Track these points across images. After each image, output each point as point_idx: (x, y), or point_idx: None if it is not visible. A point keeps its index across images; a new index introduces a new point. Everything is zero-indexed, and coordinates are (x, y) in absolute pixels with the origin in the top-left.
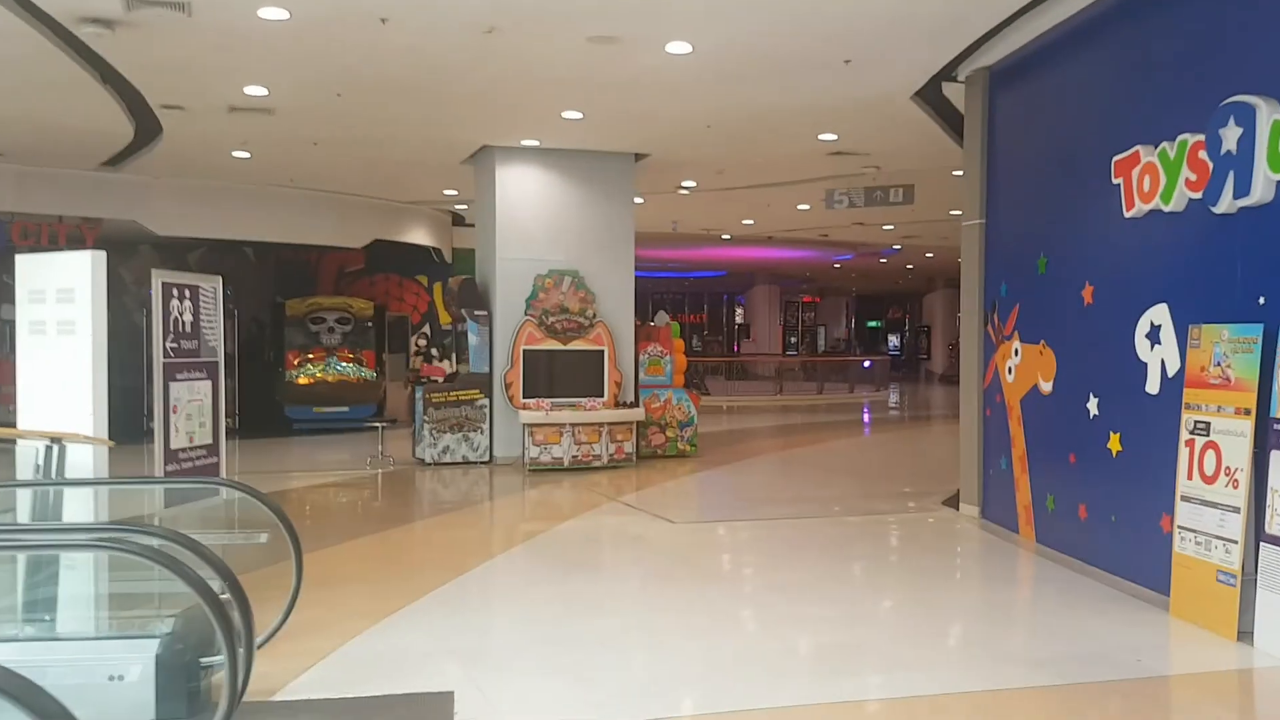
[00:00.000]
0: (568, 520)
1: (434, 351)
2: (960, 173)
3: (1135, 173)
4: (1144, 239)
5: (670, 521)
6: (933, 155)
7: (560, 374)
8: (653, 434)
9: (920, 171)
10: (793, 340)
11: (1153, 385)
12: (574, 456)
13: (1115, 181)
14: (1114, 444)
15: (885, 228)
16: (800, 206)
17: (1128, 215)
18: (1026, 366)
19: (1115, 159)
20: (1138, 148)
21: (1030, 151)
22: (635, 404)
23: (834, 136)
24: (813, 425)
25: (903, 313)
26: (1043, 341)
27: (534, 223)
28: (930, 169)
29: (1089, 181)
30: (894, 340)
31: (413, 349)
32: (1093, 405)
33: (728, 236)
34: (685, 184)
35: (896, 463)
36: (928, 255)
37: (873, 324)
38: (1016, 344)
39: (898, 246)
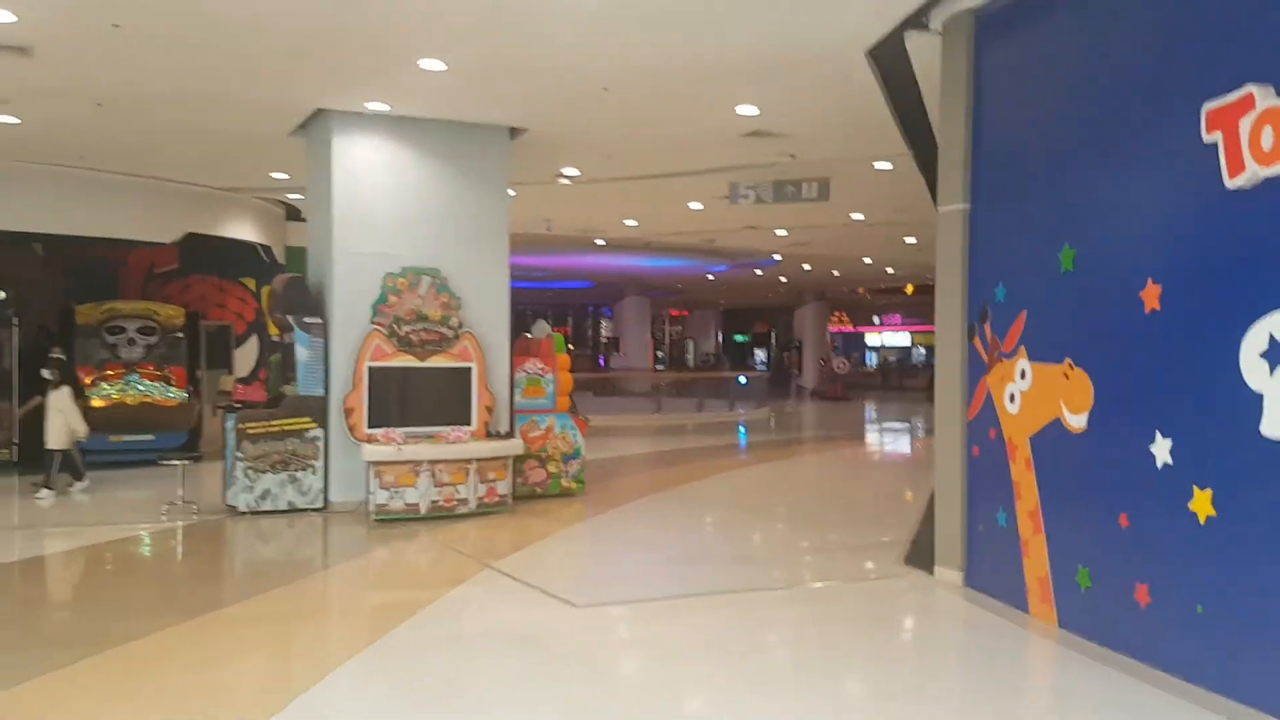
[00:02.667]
0: (425, 606)
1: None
2: (886, 165)
3: (1247, 124)
4: (1259, 218)
5: (569, 604)
6: (859, 142)
7: (416, 397)
8: (531, 469)
9: (837, 163)
10: (660, 354)
11: (1272, 425)
12: (433, 502)
13: (1209, 139)
14: (1201, 505)
15: (778, 232)
16: (692, 205)
17: (1231, 185)
18: (1041, 393)
19: (1208, 108)
20: (1251, 89)
21: (1040, 113)
22: (511, 434)
23: (755, 110)
24: (703, 450)
25: (769, 327)
26: (1069, 361)
27: (383, 209)
28: (849, 160)
29: (1152, 142)
30: (760, 355)
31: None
32: (1161, 449)
33: (603, 242)
34: (567, 172)
35: (820, 499)
36: (805, 268)
37: (740, 338)
38: (1023, 363)
39: (778, 257)
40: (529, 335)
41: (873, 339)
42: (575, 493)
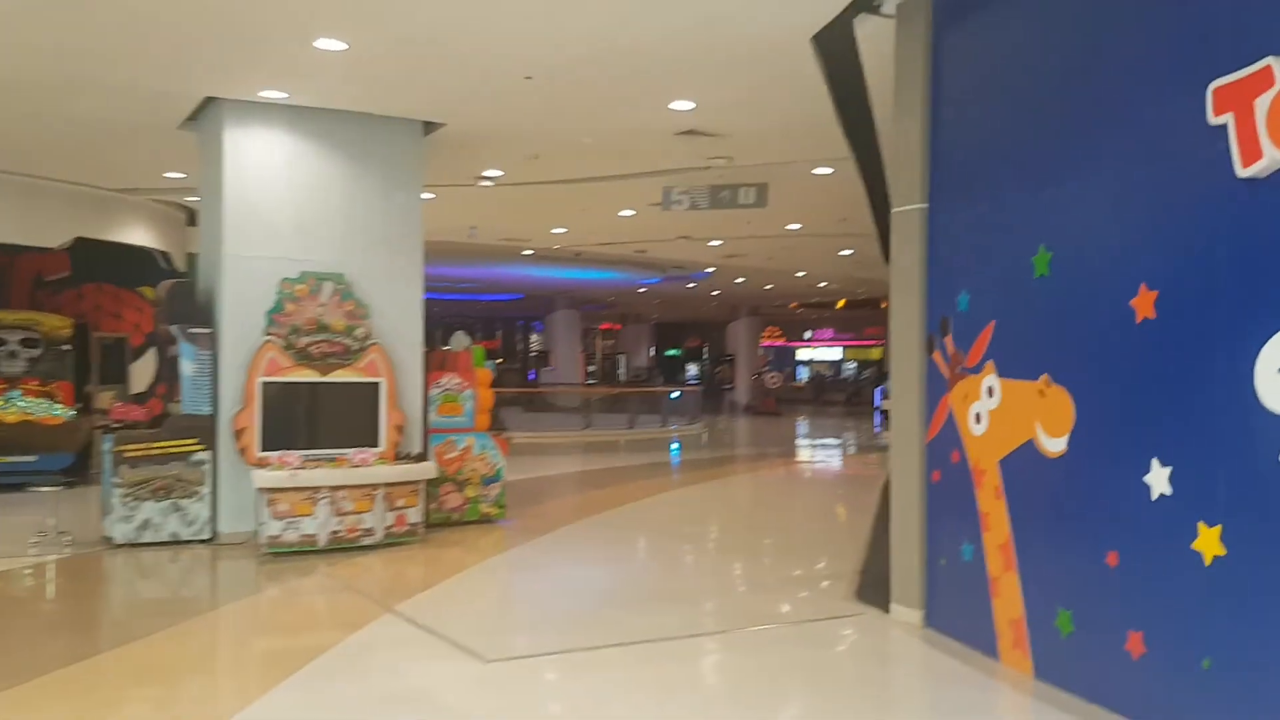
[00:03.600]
0: (310, 661)
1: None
2: (826, 170)
3: (1265, 103)
4: (1277, 211)
5: (478, 657)
6: (799, 143)
7: (317, 416)
8: (447, 494)
9: (775, 168)
10: (591, 369)
11: None
12: (334, 532)
13: (1216, 121)
14: (1208, 543)
15: (712, 243)
16: (624, 212)
17: (1244, 173)
18: (1012, 413)
19: (1216, 86)
20: (1270, 61)
21: (1008, 101)
22: (424, 456)
23: (690, 105)
24: (635, 470)
25: (701, 341)
26: (1045, 377)
27: (280, 208)
28: (787, 164)
29: (1144, 128)
30: (693, 370)
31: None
32: (1158, 479)
33: (530, 251)
34: (488, 173)
35: (759, 524)
36: (738, 281)
37: (672, 352)
38: (991, 380)
39: (711, 269)
40: (446, 348)
41: (805, 354)
42: (496, 519)
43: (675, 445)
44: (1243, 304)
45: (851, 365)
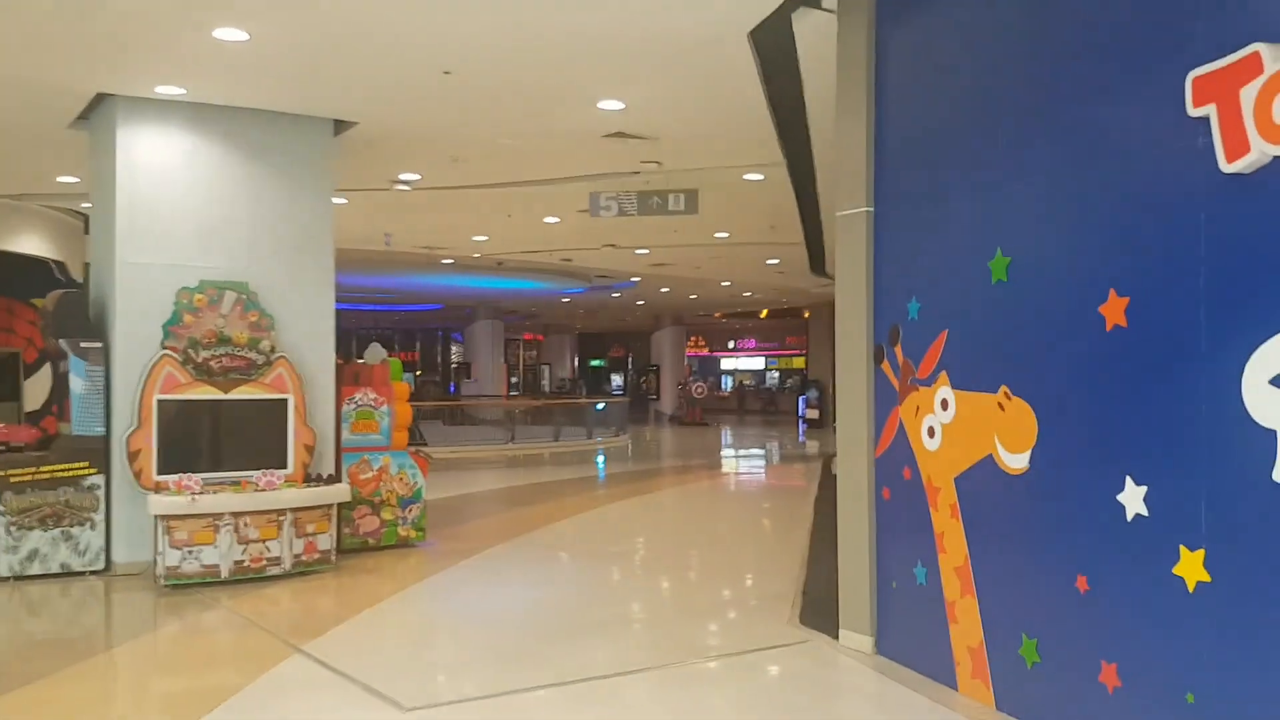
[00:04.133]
0: (214, 709)
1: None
2: (757, 176)
3: (1253, 92)
4: (1269, 208)
5: (396, 705)
6: (731, 146)
7: (219, 436)
8: (362, 517)
9: (706, 173)
10: (514, 380)
11: None
12: (238, 562)
13: (1196, 113)
14: (1190, 568)
15: (639, 252)
16: (548, 220)
17: (1230, 168)
18: (969, 427)
19: (1196, 74)
20: (1258, 48)
21: (959, 96)
22: (336, 477)
23: (619, 105)
24: (561, 484)
25: (625, 351)
26: (1004, 389)
27: (179, 212)
28: (718, 170)
29: (1113, 121)
30: (617, 380)
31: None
32: (1133, 499)
33: (450, 260)
34: (405, 177)
35: (691, 541)
36: (663, 290)
37: (596, 363)
38: (945, 391)
39: (637, 279)
40: (360, 360)
41: (728, 363)
42: (415, 542)
43: (601, 458)
44: (1226, 310)
45: (774, 375)
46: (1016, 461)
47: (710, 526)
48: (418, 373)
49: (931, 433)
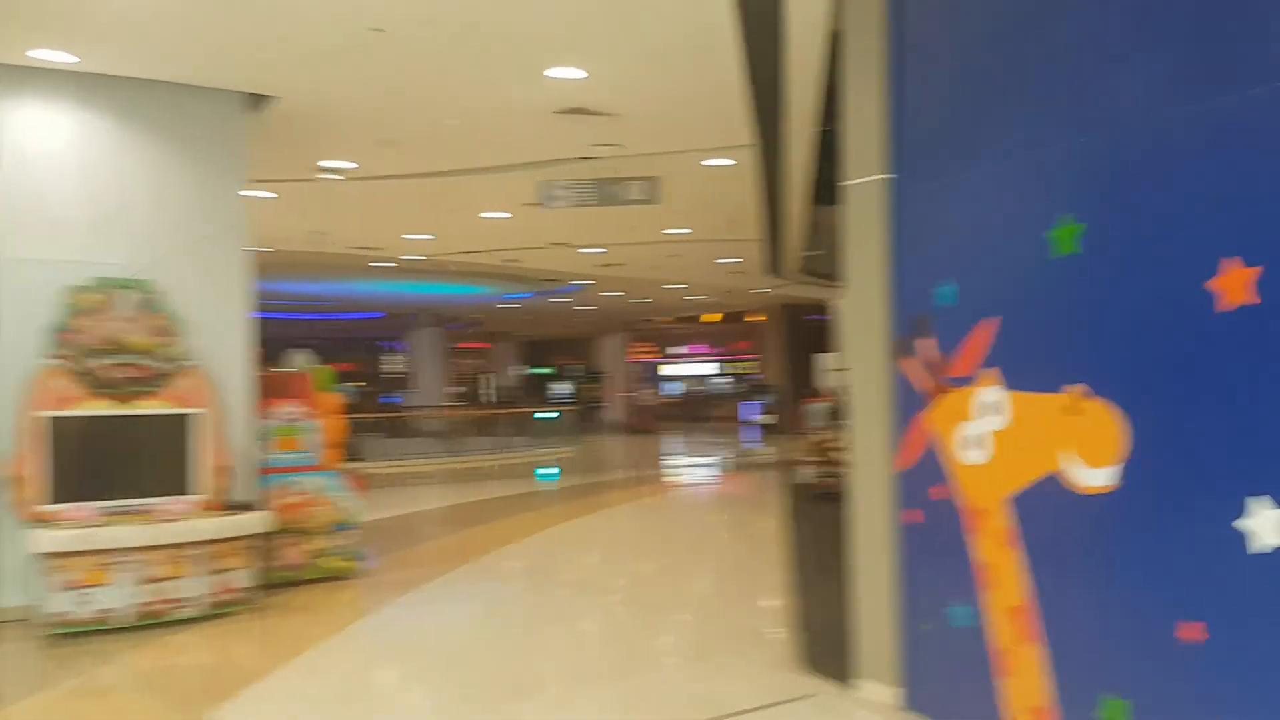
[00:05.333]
0: None
1: None
2: (723, 161)
3: None
4: None
5: None
6: (699, 124)
7: (117, 458)
8: (287, 547)
9: (668, 159)
10: (457, 391)
11: None
12: (140, 605)
13: None
14: None
15: (590, 251)
16: (493, 215)
17: None
18: (1027, 435)
19: None
20: None
21: (1003, 32)
22: (256, 503)
23: (577, 74)
24: (510, 501)
25: (573, 359)
26: (1077, 388)
27: (68, 200)
28: (681, 154)
29: (1235, 38)
30: (564, 388)
31: None
32: (1263, 525)
33: (389, 264)
34: (333, 164)
35: (659, 565)
36: (612, 295)
37: (542, 371)
38: (992, 393)
39: (586, 282)
40: (284, 369)
41: (677, 369)
42: (349, 574)
43: (550, 470)
44: None
45: (723, 380)
46: (1095, 478)
47: (676, 547)
48: (359, 384)
49: (974, 443)
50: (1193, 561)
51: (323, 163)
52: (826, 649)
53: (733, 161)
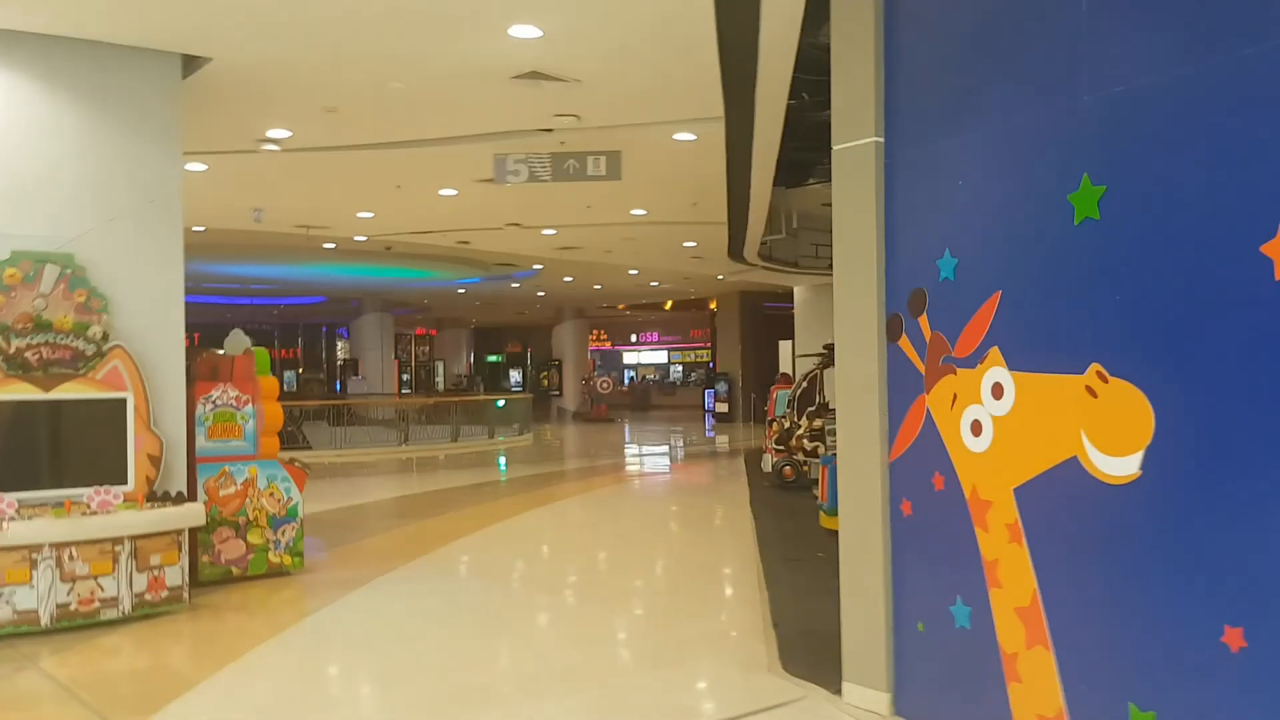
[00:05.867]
0: None
1: None
2: (688, 136)
3: None
4: None
5: None
6: (664, 95)
7: (36, 447)
8: (224, 541)
9: (630, 131)
10: (406, 377)
11: None
12: (63, 606)
13: None
14: None
15: (546, 232)
16: (444, 192)
17: None
18: (1038, 420)
19: None
20: None
21: None
22: (189, 495)
23: (536, 33)
24: (462, 492)
25: (525, 346)
26: (1096, 368)
27: None
28: (645, 127)
29: None
30: (516, 376)
31: None
32: None
33: (331, 245)
34: (273, 134)
35: (621, 558)
36: (566, 280)
37: (493, 358)
38: (997, 374)
39: (538, 267)
40: (219, 351)
41: (631, 357)
42: (291, 570)
43: (504, 460)
44: None
45: (679, 368)
46: (1118, 467)
47: (637, 540)
48: (301, 371)
49: (977, 428)
50: (1229, 560)
51: (262, 131)
52: (807, 649)
53: (695, 136)
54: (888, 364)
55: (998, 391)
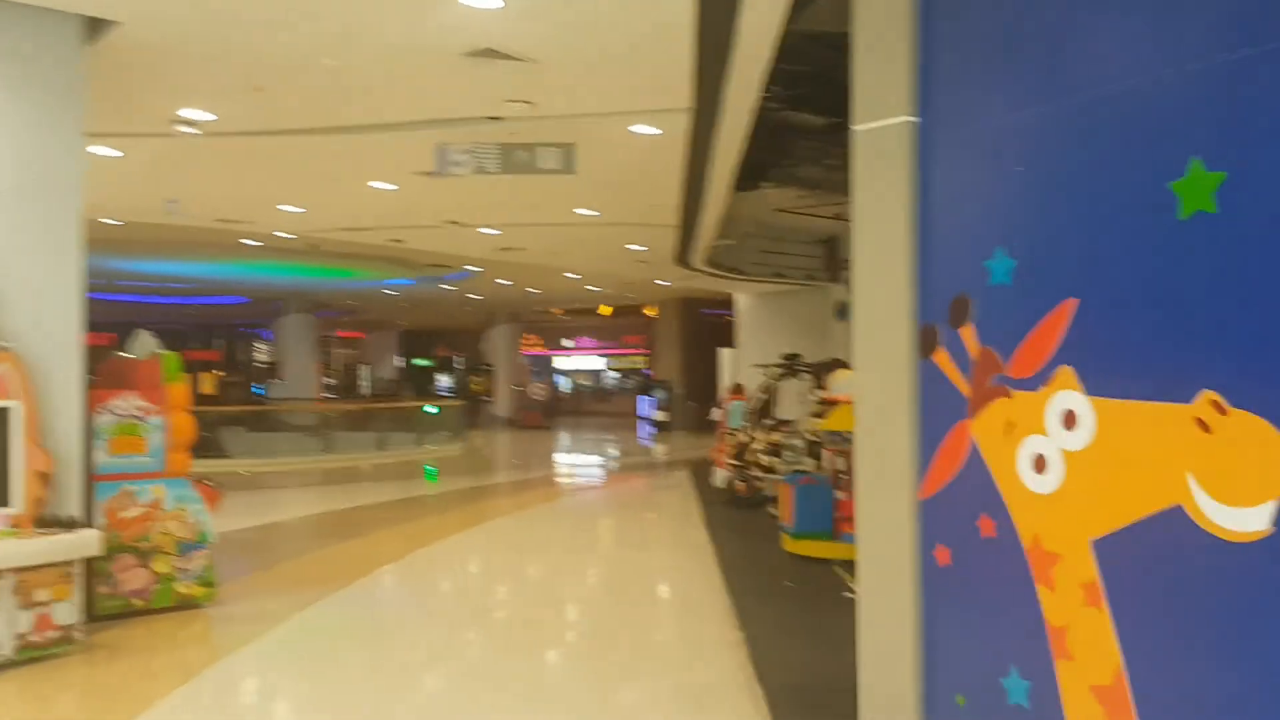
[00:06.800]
0: None
1: None
2: (649, 129)
3: None
4: None
5: None
6: (627, 80)
7: None
8: (126, 570)
9: (587, 122)
10: (330, 382)
11: None
12: None
13: None
14: None
15: (486, 231)
16: (378, 185)
17: None
18: (1127, 456)
19: None
20: None
21: None
22: (85, 519)
23: (495, 2)
24: (391, 507)
25: (456, 350)
26: (1208, 395)
27: None
28: (602, 118)
29: None
30: (446, 381)
31: None
32: None
33: (255, 242)
34: (191, 115)
35: (570, 587)
36: (502, 283)
37: (422, 363)
38: (1067, 399)
39: (473, 268)
40: (121, 354)
41: (564, 363)
42: (201, 602)
43: (434, 470)
44: None
45: (613, 375)
46: (1240, 520)
47: (589, 566)
48: (220, 374)
49: (1041, 464)
50: None
51: (179, 112)
52: (804, 710)
53: (659, 131)
54: (920, 382)
55: (1070, 421)
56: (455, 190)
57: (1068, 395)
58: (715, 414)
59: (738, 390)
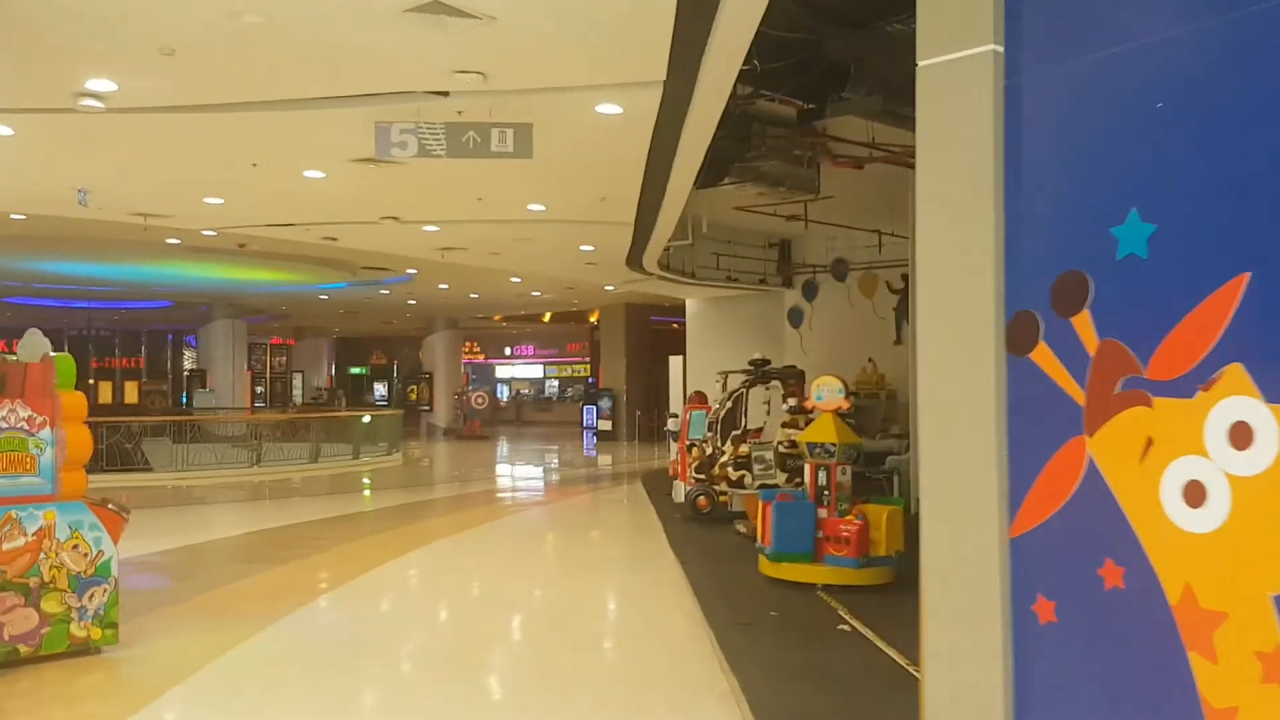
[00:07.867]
0: None
1: None
2: (613, 109)
3: None
4: None
5: None
6: (593, 52)
7: None
8: (8, 611)
9: (544, 102)
10: (260, 390)
11: None
12: None
13: None
14: None
15: (428, 229)
16: (309, 173)
17: None
18: None
19: None
20: None
21: None
22: None
23: None
24: (323, 525)
25: (390, 358)
26: None
27: None
28: (562, 94)
29: None
30: (381, 390)
31: None
32: None
33: (175, 241)
34: (96, 87)
35: (533, 626)
36: (441, 287)
37: (357, 370)
38: (1239, 407)
39: (412, 271)
40: (12, 357)
41: (504, 371)
42: (100, 646)
43: (370, 483)
44: None
45: (554, 384)
46: None
47: (550, 596)
48: (143, 382)
49: (1196, 494)
50: None
51: (78, 81)
52: None
53: (620, 109)
54: (1008, 386)
55: (1241, 437)
56: (394, 181)
57: (1238, 402)
58: (672, 424)
59: (699, 398)
